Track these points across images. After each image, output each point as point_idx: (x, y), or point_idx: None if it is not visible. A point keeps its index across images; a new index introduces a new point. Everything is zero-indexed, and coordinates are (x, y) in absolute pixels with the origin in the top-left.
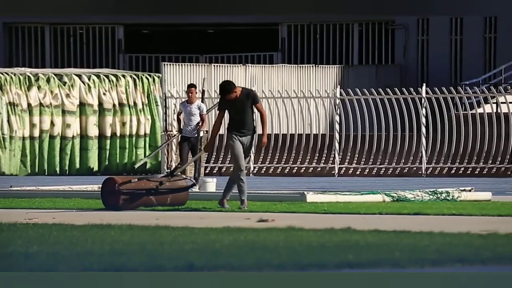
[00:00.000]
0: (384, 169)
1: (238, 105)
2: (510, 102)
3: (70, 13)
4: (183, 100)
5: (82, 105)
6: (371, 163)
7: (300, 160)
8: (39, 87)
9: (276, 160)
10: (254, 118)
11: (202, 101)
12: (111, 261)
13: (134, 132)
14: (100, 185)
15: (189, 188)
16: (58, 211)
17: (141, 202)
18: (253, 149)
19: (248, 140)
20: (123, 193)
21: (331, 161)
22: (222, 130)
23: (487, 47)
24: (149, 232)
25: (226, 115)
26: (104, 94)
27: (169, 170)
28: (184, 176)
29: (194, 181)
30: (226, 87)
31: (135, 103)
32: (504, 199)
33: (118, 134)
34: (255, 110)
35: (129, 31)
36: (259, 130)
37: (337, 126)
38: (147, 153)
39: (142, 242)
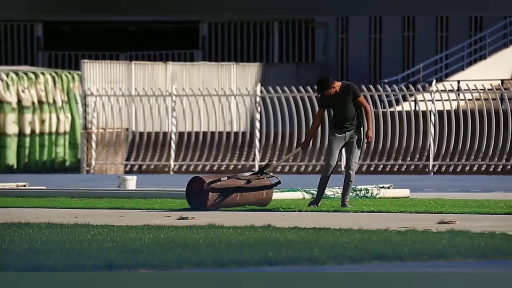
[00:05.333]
0: (304, 166)
1: (338, 100)
2: (427, 100)
3: None
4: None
5: (0, 102)
6: (291, 161)
7: (220, 157)
8: None
9: (197, 157)
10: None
11: None
12: (29, 260)
13: (53, 130)
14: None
15: (273, 186)
16: None
17: (229, 201)
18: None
19: (352, 135)
20: (212, 192)
21: (251, 159)
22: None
23: (405, 46)
24: (68, 230)
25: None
26: (23, 91)
27: (258, 169)
28: (271, 174)
29: (279, 178)
30: (324, 83)
31: (54, 101)
32: (422, 196)
33: (37, 131)
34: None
35: (48, 28)
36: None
37: (257, 124)
38: (67, 152)
39: (61, 240)
